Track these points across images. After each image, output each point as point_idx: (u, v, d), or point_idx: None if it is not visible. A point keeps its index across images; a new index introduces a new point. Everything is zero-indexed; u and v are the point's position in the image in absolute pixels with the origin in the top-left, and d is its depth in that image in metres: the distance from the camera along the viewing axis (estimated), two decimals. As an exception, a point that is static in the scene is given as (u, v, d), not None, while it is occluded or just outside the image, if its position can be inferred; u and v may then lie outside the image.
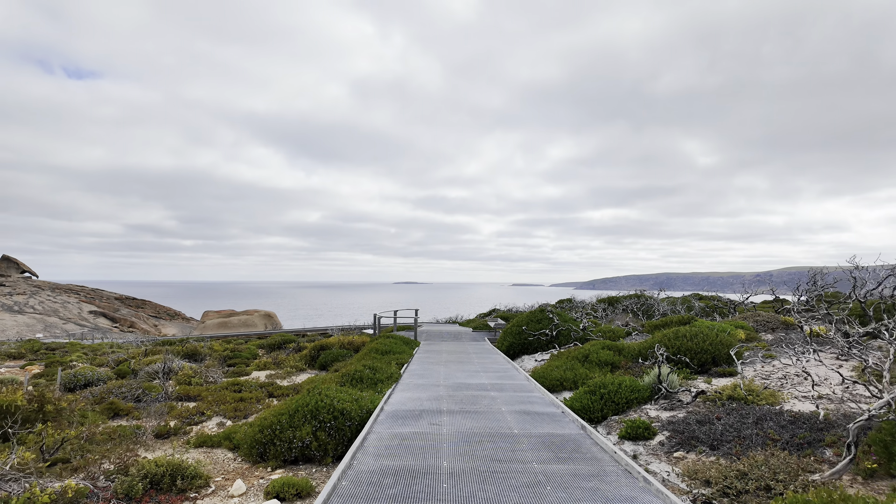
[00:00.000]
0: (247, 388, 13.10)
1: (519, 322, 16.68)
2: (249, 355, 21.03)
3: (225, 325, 63.12)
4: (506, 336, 16.52)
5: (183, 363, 15.94)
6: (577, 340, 15.36)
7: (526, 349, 15.72)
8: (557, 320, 15.91)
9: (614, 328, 15.32)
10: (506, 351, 15.99)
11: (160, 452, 7.52)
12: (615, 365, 11.12)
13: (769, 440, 6.01)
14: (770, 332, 14.87)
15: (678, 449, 6.39)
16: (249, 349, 23.36)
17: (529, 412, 7.47)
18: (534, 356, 15.16)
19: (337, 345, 18.93)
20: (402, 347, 14.53)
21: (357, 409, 7.16)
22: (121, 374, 14.85)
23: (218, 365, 18.42)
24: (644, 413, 8.04)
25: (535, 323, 16.29)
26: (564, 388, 10.51)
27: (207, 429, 9.41)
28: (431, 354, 14.99)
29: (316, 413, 6.92)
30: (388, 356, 12.90)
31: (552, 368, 11.21)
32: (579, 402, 8.50)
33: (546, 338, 15.46)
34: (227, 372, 16.71)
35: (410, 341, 17.51)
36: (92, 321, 70.16)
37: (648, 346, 11.08)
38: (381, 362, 11.94)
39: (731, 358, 10.45)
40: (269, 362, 18.14)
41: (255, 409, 10.66)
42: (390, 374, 9.86)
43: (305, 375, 16.34)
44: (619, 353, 11.63)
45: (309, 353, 18.71)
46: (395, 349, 13.96)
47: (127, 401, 11.40)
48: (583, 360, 11.56)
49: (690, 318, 14.68)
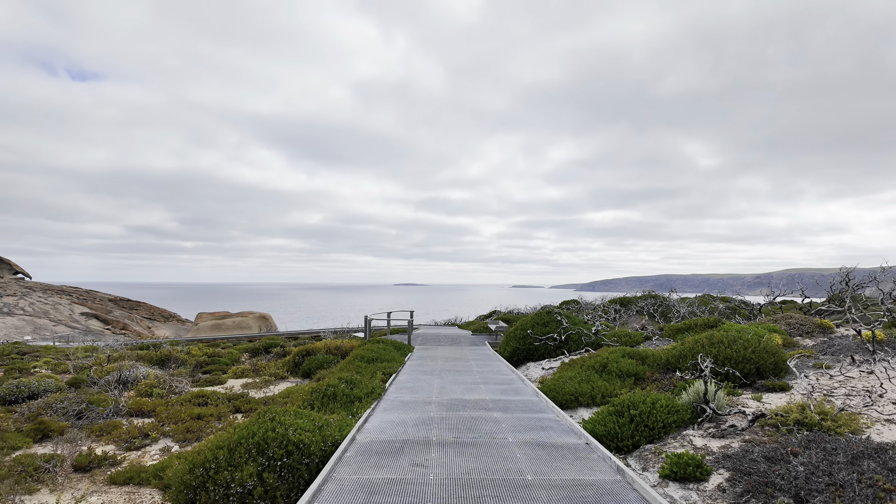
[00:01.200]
0: (212, 402, 11.44)
1: (523, 325, 15.01)
2: (229, 360, 19.36)
3: (219, 327, 61.51)
4: (508, 340, 14.84)
5: (149, 370, 14.28)
6: (588, 346, 13.69)
7: (531, 355, 14.05)
8: (566, 323, 14.23)
9: (630, 332, 13.66)
10: (509, 357, 14.31)
11: (69, 495, 5.86)
12: (639, 376, 9.44)
13: (881, 491, 4.34)
14: (806, 336, 13.21)
15: (749, 499, 4.72)
16: (232, 354, 21.70)
17: (544, 444, 5.77)
18: (540, 363, 13.48)
19: (323, 350, 17.27)
20: (392, 354, 12.86)
21: (319, 441, 5.49)
22: (75, 384, 13.17)
23: (192, 372, 16.75)
24: (687, 441, 6.36)
25: (542, 326, 14.61)
26: (581, 404, 8.84)
27: (149, 455, 7.75)
28: (425, 362, 13.32)
29: (264, 447, 5.26)
30: (375, 365, 11.23)
31: (565, 380, 9.53)
32: (603, 426, 6.84)
33: (554, 343, 13.79)
34: (199, 380, 15.04)
35: (403, 346, 15.84)
36: (83, 323, 68.53)
37: (678, 355, 9.41)
38: (365, 373, 10.28)
39: (778, 368, 8.78)
40: (248, 369, 16.47)
41: (213, 428, 9.00)
42: (371, 388, 8.17)
43: (285, 385, 14.68)
44: (643, 363, 9.95)
45: (292, 360, 17.05)
46: (384, 356, 12.29)
47: (66, 417, 9.74)
48: (600, 370, 9.88)
49: (717, 321, 13.02)
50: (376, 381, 9.25)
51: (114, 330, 67.86)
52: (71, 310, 70.69)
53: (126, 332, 66.99)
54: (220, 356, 20.31)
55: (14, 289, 70.81)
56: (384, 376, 10.38)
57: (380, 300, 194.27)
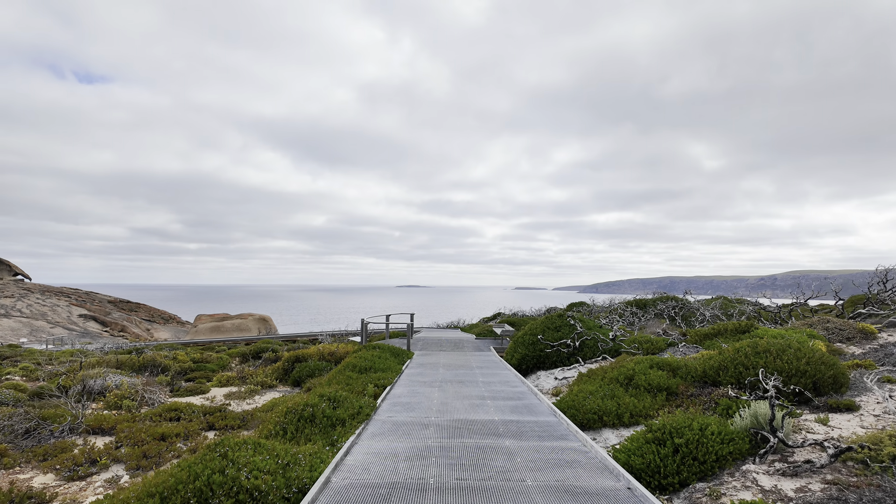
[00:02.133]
0: (186, 416, 10.20)
1: (532, 329, 13.71)
2: (217, 366, 18.13)
3: (218, 329, 60.49)
4: (517, 346, 13.54)
5: (122, 379, 13.05)
6: (606, 353, 12.39)
7: (542, 363, 12.74)
8: (581, 328, 12.93)
9: (651, 338, 12.35)
10: (517, 365, 13.01)
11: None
12: (671, 391, 8.14)
13: None
14: (848, 342, 11.87)
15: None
16: (222, 359, 20.46)
17: (574, 490, 4.41)
18: (552, 373, 12.18)
19: (315, 356, 16.02)
20: (387, 362, 11.58)
21: (282, 486, 4.22)
22: (39, 394, 11.94)
23: (173, 379, 15.52)
24: (750, 480, 5.06)
25: (553, 331, 13.31)
26: (605, 424, 7.55)
27: (92, 488, 6.48)
28: (425, 370, 12.04)
29: (207, 495, 3.99)
30: (367, 375, 9.95)
31: (585, 395, 8.24)
32: (640, 457, 5.55)
33: (567, 350, 12.48)
34: (179, 390, 13.80)
35: (401, 352, 14.56)
36: (81, 325, 67.60)
37: (717, 366, 8.10)
38: (355, 385, 9.00)
39: (838, 383, 7.47)
40: (234, 377, 15.23)
41: (176, 451, 7.74)
42: (359, 407, 6.88)
43: (271, 395, 13.42)
44: (674, 374, 8.65)
45: (282, 366, 15.81)
46: (379, 365, 11.01)
47: (12, 437, 8.50)
48: (625, 382, 8.58)
49: (748, 326, 11.69)
50: (366, 397, 7.96)
51: (112, 332, 66.90)
52: (69, 312, 69.79)
53: (124, 334, 66.01)
54: (208, 361, 19.08)
55: (12, 290, 69.92)
56: (377, 389, 9.10)
57: (382, 302, 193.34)
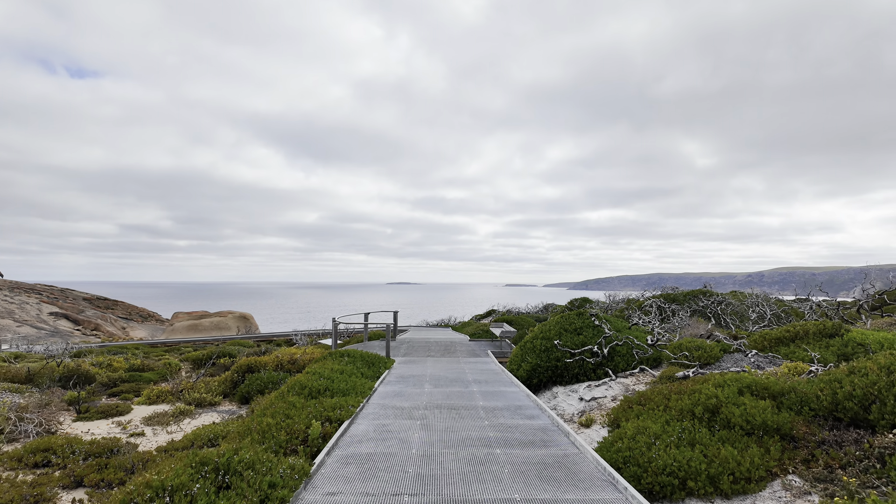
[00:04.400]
0: (60, 458, 7.10)
1: (545, 332, 10.69)
2: (157, 375, 14.94)
3: (195, 327, 57.05)
4: (524, 354, 10.51)
5: (3, 398, 9.90)
6: (643, 363, 9.43)
7: (559, 376, 9.73)
8: (609, 329, 9.95)
9: (703, 343, 9.40)
10: (526, 378, 10.00)
11: None
12: (785, 433, 5.18)
13: None
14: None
15: None
16: (169, 365, 17.29)
17: None
18: (574, 390, 9.19)
19: (271, 365, 12.92)
20: (353, 380, 8.47)
21: None
22: None
23: (92, 394, 12.34)
24: None
25: (572, 334, 10.31)
26: (692, 493, 4.57)
27: None
28: (405, 389, 9.01)
29: None
30: (320, 402, 6.87)
31: (646, 439, 5.26)
32: None
33: (595, 359, 9.50)
34: (88, 411, 10.64)
35: (378, 360, 11.51)
36: (51, 324, 63.74)
37: (862, 394, 5.14)
38: (296, 420, 5.96)
39: None
40: (168, 391, 12.10)
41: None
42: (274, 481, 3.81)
43: (208, 417, 10.30)
44: (777, 402, 5.69)
45: (231, 377, 12.70)
46: (339, 384, 7.91)
47: None
48: (706, 417, 5.61)
49: (837, 327, 8.79)
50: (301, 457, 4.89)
51: (84, 331, 63.22)
52: (39, 310, 65.91)
53: (97, 332, 62.36)
54: (150, 369, 15.90)
55: (-25, 287, 66.05)
56: (328, 426, 6.05)
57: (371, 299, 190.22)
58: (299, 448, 5.74)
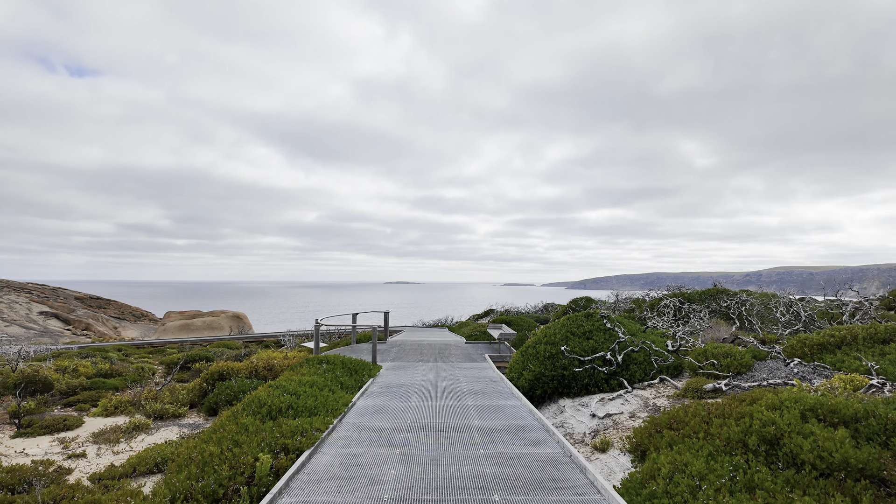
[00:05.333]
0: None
1: (550, 336, 9.44)
2: (123, 383, 13.67)
3: (187, 327, 55.95)
4: (526, 360, 9.26)
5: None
6: (663, 371, 8.20)
7: (567, 387, 8.48)
8: (623, 333, 8.72)
9: (731, 349, 8.17)
10: (528, 389, 8.75)
11: None
12: (868, 472, 3.95)
13: None
14: None
15: None
16: (142, 370, 16.03)
17: None
18: (585, 403, 7.95)
19: (245, 372, 11.66)
20: (324, 395, 7.18)
21: None
22: None
23: (44, 403, 11.08)
24: None
25: (581, 338, 9.06)
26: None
27: None
28: (390, 401, 7.77)
29: None
30: (278, 425, 5.61)
31: (686, 480, 4.03)
32: None
33: (608, 367, 8.26)
34: (31, 425, 9.37)
35: (363, 366, 10.26)
36: (41, 323, 62.47)
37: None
38: (245, 449, 4.72)
39: None
40: (128, 401, 10.84)
41: None
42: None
43: (164, 434, 9.03)
44: (851, 430, 4.46)
45: (200, 385, 11.44)
46: (305, 402, 6.63)
47: None
48: (763, 449, 4.38)
49: (892, 331, 7.56)
50: None
51: (75, 330, 61.99)
52: (28, 309, 64.59)
53: (88, 332, 61.18)
54: (117, 375, 14.61)
55: (-37, 286, 64.74)
56: (287, 456, 4.82)
57: (370, 298, 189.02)
58: (243, 489, 4.50)
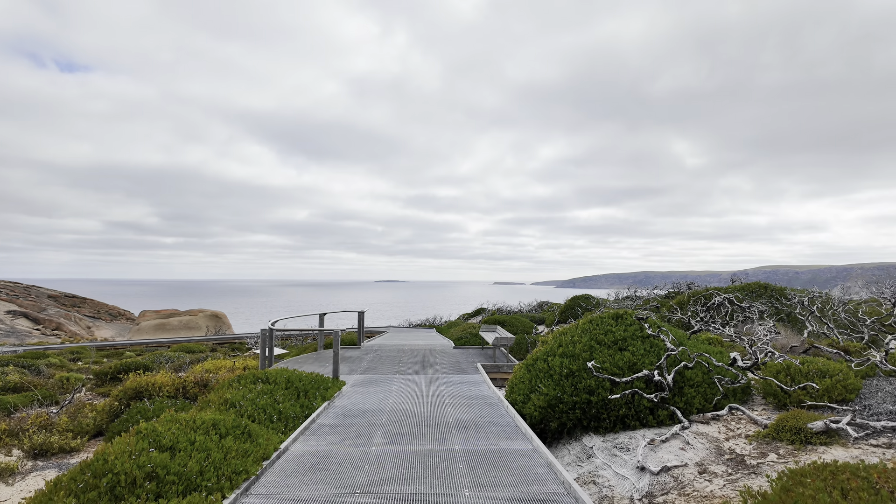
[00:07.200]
0: None
1: (568, 345, 6.93)
2: (27, 400, 10.97)
3: (163, 327, 52.84)
4: (534, 378, 6.77)
5: None
6: (728, 396, 5.78)
7: (596, 419, 5.99)
8: (671, 343, 6.26)
9: (827, 365, 5.78)
10: (540, 421, 6.27)
11: None
12: None
13: None
14: None
15: None
16: (67, 380, 13.36)
17: None
18: (625, 446, 5.48)
19: (168, 387, 9.06)
20: (229, 444, 4.65)
21: None
22: None
23: None
24: None
25: (611, 349, 6.59)
26: None
27: None
28: (341, 446, 5.27)
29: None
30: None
31: None
32: None
33: (658, 394, 5.79)
34: None
35: (318, 383, 7.72)
36: (8, 323, 59.04)
37: None
38: None
39: None
40: (4, 430, 8.24)
41: None
42: None
43: (32, 482, 6.41)
44: None
45: (111, 406, 8.85)
46: (185, 465, 4.10)
47: None
48: None
49: None
50: None
51: (44, 330, 58.69)
52: (-5, 307, 61.25)
53: (59, 332, 57.90)
54: (27, 389, 11.92)
55: (-76, 283, 61.30)
56: None
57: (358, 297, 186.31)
58: None
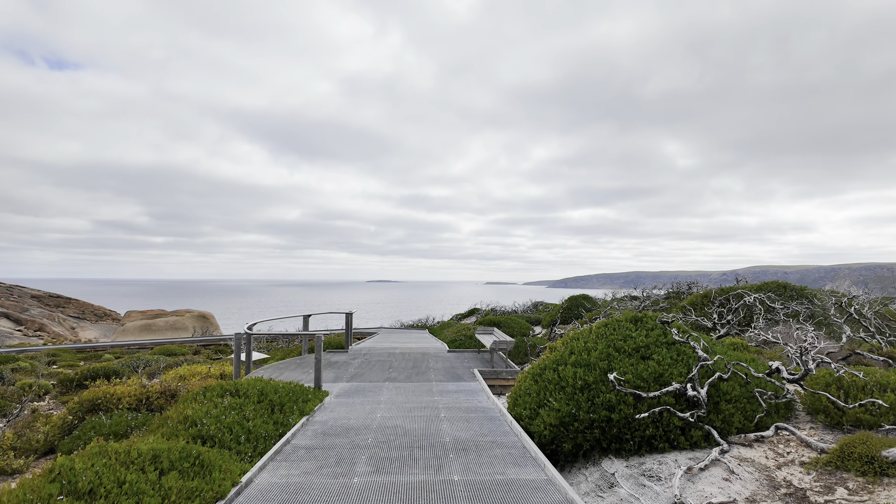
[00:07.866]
0: None
1: (581, 353, 6.09)
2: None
3: (149, 328, 51.65)
4: (544, 391, 5.92)
5: None
6: (771, 413, 4.97)
7: (616, 439, 5.17)
8: (702, 351, 5.43)
9: (882, 377, 5.00)
10: (550, 441, 5.43)
11: None
12: None
13: None
14: None
15: None
16: (29, 386, 12.34)
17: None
18: (655, 473, 4.63)
19: (130, 399, 8.11)
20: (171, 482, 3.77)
21: None
22: None
23: None
24: None
25: (633, 357, 5.75)
26: None
27: None
28: (317, 476, 4.39)
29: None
30: None
31: None
32: None
33: (693, 411, 4.95)
34: None
35: (296, 395, 6.82)
36: (-11, 323, 57.43)
37: None
38: None
39: None
40: (-60, 449, 7.29)
41: None
42: None
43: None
44: None
45: (64, 420, 7.90)
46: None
47: None
48: None
49: None
50: None
51: (26, 331, 57.12)
52: (-25, 308, 59.58)
53: (42, 333, 56.37)
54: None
55: None
56: None
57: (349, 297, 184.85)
58: None
